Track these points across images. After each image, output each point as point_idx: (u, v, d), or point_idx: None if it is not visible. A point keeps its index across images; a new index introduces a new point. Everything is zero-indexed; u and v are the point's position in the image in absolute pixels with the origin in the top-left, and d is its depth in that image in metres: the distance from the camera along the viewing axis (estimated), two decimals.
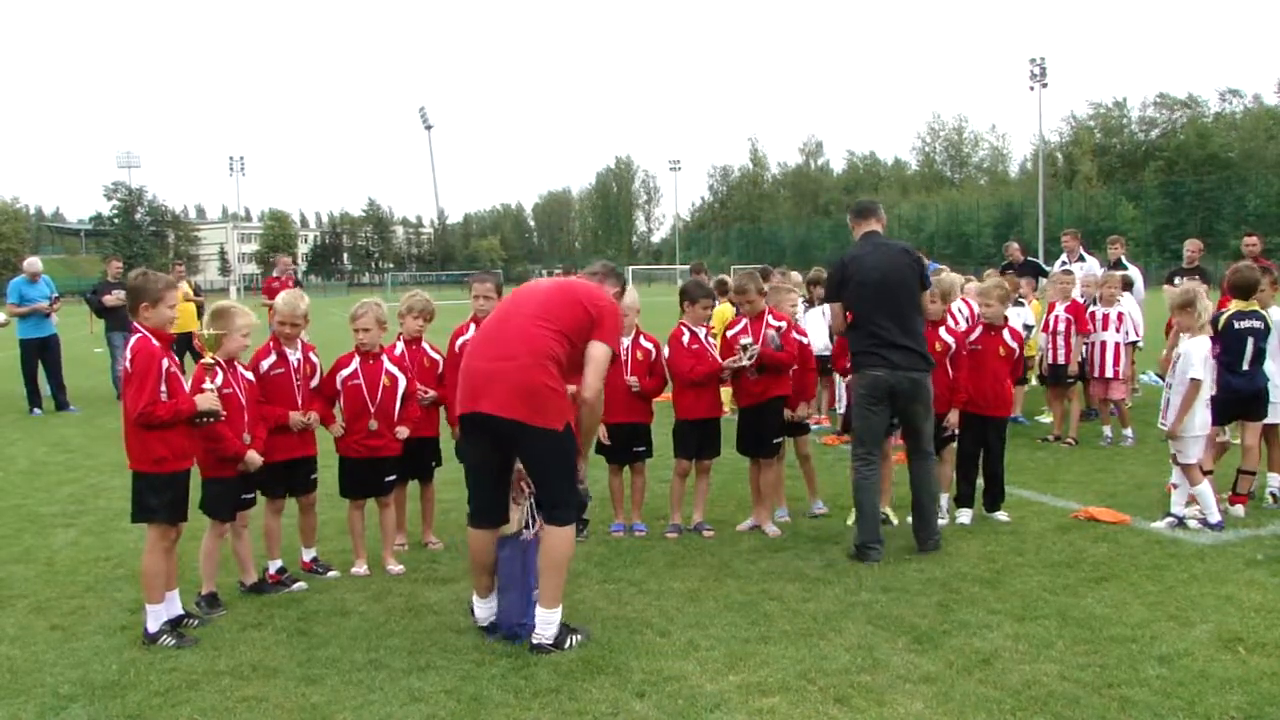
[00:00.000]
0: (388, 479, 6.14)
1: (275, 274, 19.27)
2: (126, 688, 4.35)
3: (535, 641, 4.60)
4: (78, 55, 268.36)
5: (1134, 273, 12.46)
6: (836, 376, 10.09)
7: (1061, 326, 9.71)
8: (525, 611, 4.77)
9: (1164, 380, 7.21)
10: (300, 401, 5.75)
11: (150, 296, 4.89)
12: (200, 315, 12.22)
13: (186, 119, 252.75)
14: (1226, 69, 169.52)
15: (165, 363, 4.80)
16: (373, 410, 5.94)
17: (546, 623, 4.61)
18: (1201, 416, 6.50)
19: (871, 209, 6.51)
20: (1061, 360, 9.70)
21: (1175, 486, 6.62)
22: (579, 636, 4.69)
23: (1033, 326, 10.77)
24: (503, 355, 4.61)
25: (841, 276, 6.23)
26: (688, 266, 20.75)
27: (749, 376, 6.61)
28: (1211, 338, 6.69)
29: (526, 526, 4.99)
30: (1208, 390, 6.58)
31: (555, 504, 4.70)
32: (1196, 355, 6.48)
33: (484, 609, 4.92)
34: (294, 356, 5.77)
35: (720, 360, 6.66)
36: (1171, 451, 6.63)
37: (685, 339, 6.73)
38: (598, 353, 4.74)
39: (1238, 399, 6.88)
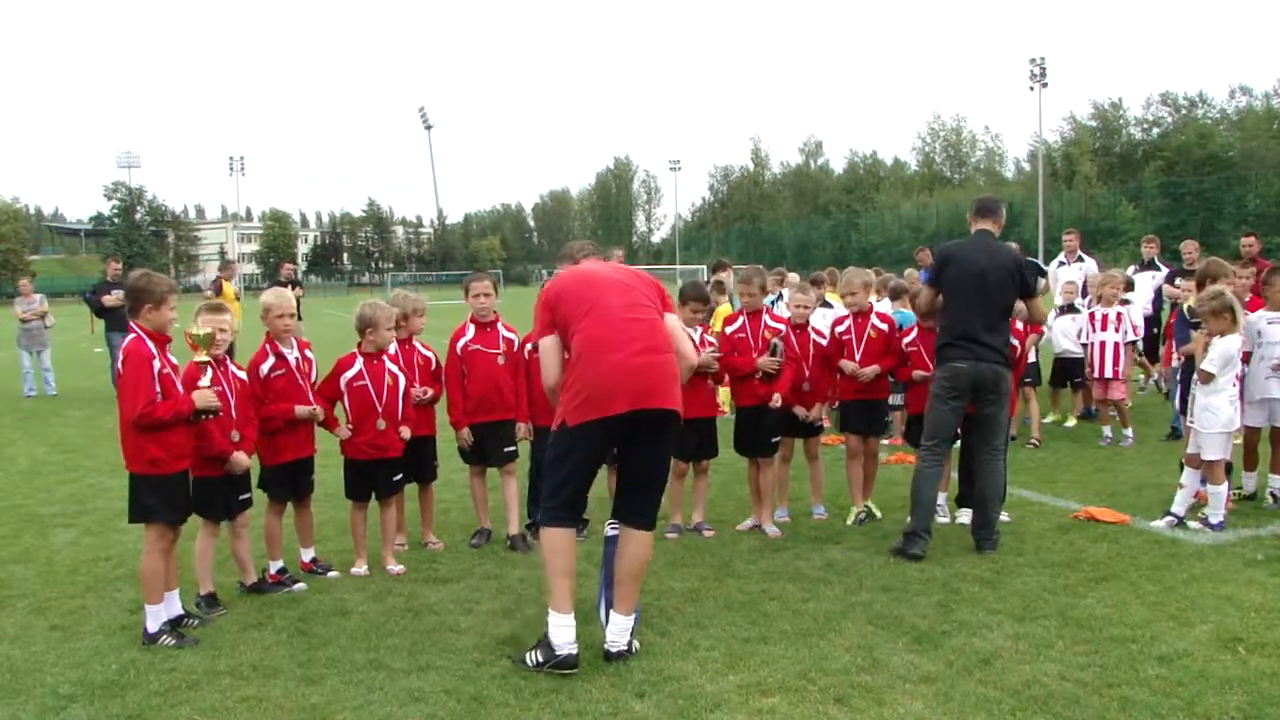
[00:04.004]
0: (395, 479, 6.15)
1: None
2: (126, 688, 4.35)
3: (615, 650, 4.49)
4: (78, 55, 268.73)
5: (1164, 273, 12.41)
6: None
7: (1020, 324, 9.55)
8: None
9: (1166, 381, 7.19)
10: (309, 399, 5.78)
11: (154, 298, 4.91)
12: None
13: (186, 119, 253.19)
14: (1228, 69, 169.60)
15: (158, 364, 4.81)
16: (380, 410, 5.95)
17: (625, 630, 4.51)
18: (1227, 414, 6.47)
19: (992, 209, 6.45)
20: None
21: (1183, 486, 6.62)
22: (636, 642, 4.62)
23: None
24: (654, 348, 4.47)
25: (942, 264, 6.26)
26: (690, 266, 20.56)
27: (755, 379, 6.61)
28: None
29: None
30: (1235, 389, 6.56)
31: (657, 505, 4.65)
32: (1219, 351, 6.45)
33: (570, 630, 4.36)
34: (292, 355, 5.77)
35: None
36: (1191, 450, 6.60)
37: None
38: (680, 322, 4.81)
39: None
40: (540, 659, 4.36)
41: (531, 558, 6.12)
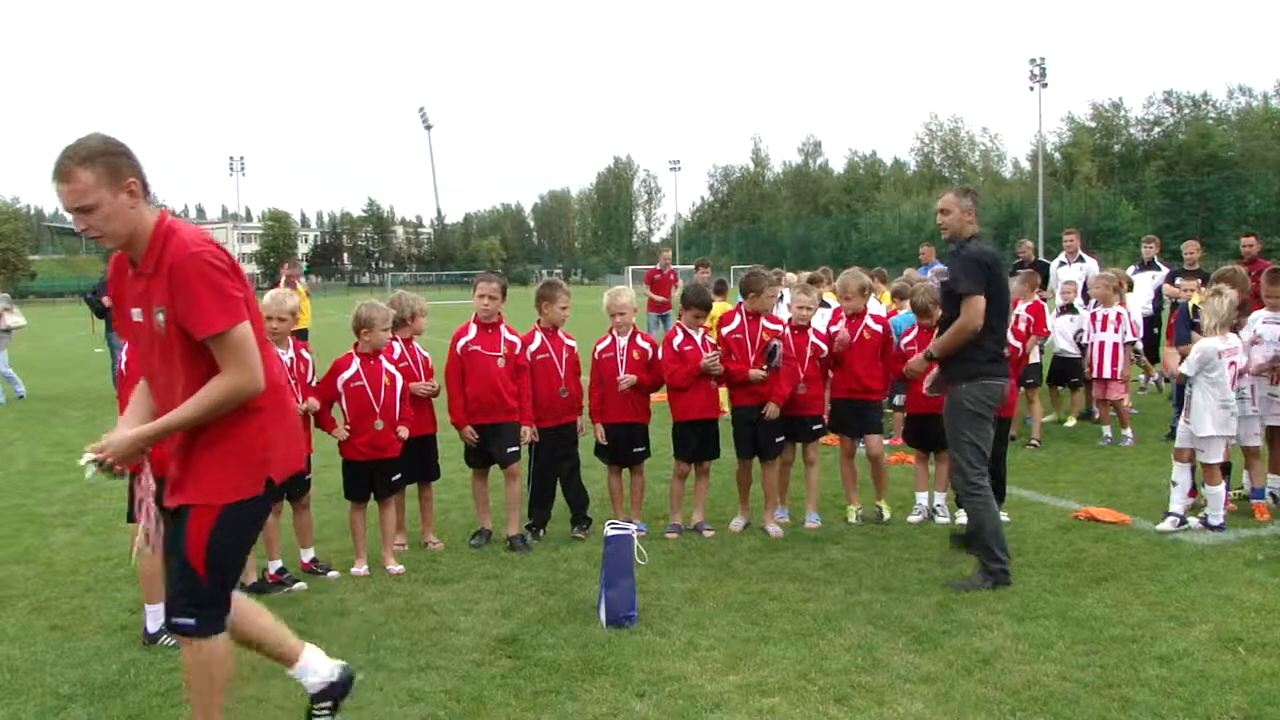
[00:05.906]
0: (394, 479, 6.14)
1: (659, 266, 18.58)
2: (126, 688, 4.35)
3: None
4: (77, 55, 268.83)
5: (1164, 273, 12.41)
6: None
7: (1023, 325, 9.50)
8: (633, 603, 4.91)
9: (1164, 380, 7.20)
10: (301, 398, 5.76)
11: None
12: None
13: (186, 119, 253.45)
14: (1229, 69, 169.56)
15: None
16: (378, 410, 5.94)
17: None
18: (1220, 416, 6.43)
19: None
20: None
21: (1175, 483, 6.61)
22: None
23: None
24: None
25: (990, 275, 5.61)
26: (690, 266, 20.49)
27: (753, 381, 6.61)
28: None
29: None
30: (1232, 395, 6.52)
31: None
32: (1195, 351, 6.48)
33: (324, 659, 3.78)
34: (285, 356, 5.77)
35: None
36: (1180, 445, 6.59)
37: (677, 340, 6.74)
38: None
39: None
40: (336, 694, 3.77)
41: (525, 555, 6.14)
